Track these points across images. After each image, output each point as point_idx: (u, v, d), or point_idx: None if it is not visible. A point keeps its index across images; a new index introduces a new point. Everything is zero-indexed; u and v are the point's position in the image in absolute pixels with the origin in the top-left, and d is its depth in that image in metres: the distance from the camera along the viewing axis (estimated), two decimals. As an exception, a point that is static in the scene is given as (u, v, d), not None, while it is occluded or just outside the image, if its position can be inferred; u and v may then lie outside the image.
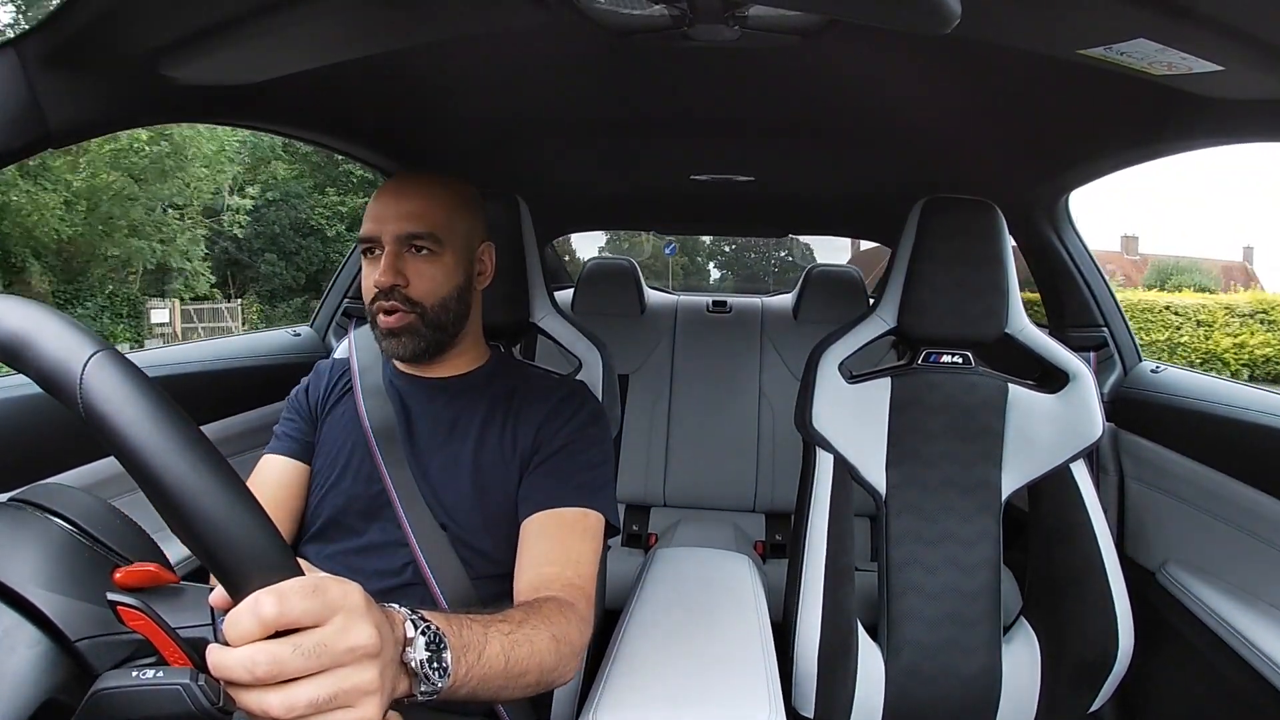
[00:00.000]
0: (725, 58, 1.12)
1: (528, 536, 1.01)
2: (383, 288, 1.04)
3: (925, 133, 1.49)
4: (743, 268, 20.07)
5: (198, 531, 0.47)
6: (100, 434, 0.47)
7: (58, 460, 1.12)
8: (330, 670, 0.50)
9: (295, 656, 0.48)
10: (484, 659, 0.69)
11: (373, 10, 0.85)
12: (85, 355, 0.48)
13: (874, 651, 1.32)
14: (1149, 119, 1.20)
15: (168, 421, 0.47)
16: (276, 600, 0.48)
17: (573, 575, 0.96)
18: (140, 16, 0.74)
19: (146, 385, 0.48)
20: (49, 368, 0.48)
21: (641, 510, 2.49)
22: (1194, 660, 1.31)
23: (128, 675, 0.48)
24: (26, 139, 0.75)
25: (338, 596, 0.51)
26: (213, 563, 0.48)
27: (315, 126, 1.39)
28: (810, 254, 7.51)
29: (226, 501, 0.47)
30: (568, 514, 1.02)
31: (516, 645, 0.75)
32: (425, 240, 1.05)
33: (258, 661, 0.47)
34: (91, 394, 0.47)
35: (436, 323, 1.07)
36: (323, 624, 0.50)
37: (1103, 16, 0.73)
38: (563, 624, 0.85)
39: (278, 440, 1.16)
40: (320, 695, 0.49)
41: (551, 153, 1.79)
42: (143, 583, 0.56)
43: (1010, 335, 1.36)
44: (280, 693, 0.48)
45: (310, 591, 0.50)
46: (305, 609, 0.49)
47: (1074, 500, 1.32)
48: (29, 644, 0.51)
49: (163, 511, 0.47)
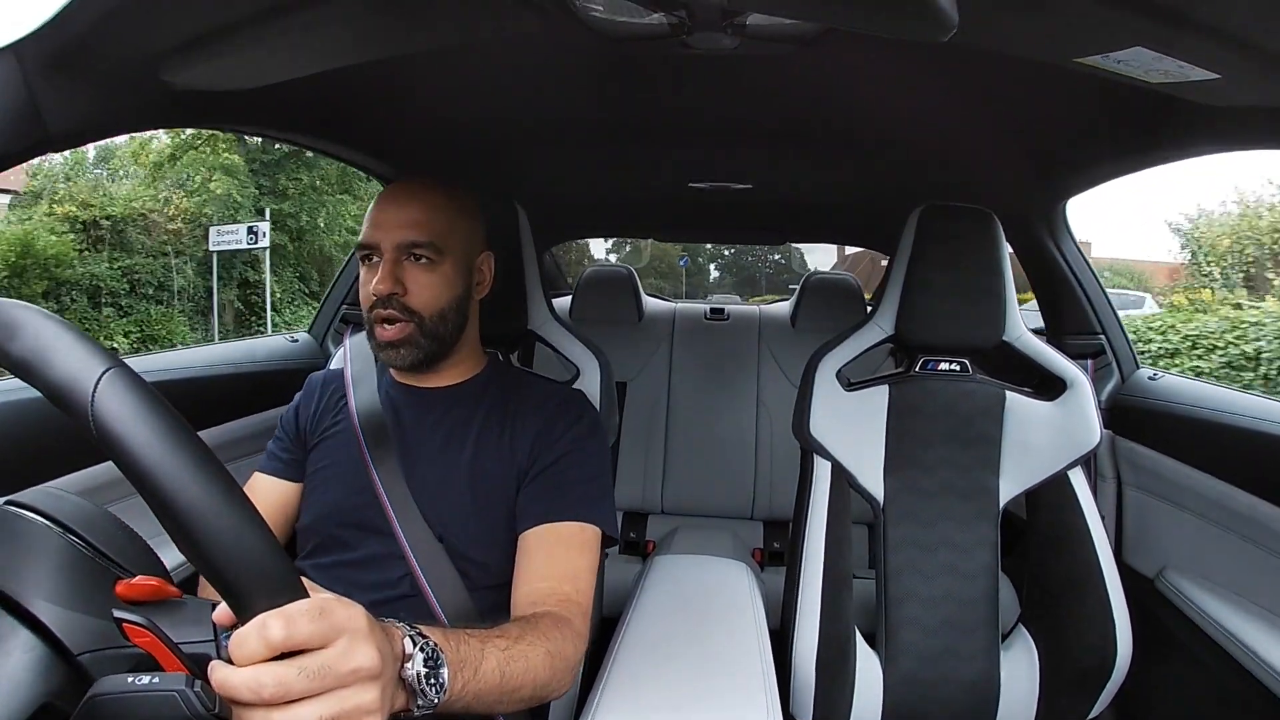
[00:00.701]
0: (723, 66, 1.13)
1: (525, 551, 1.01)
2: (381, 295, 1.03)
3: (922, 140, 1.50)
4: (740, 270, 21.03)
5: (207, 553, 0.47)
6: (111, 453, 0.47)
7: (56, 464, 1.12)
8: (333, 691, 0.50)
9: (300, 679, 0.49)
10: (480, 675, 0.70)
11: (372, 16, 0.85)
12: (96, 373, 0.48)
13: (872, 659, 1.32)
14: (1146, 127, 1.20)
15: (179, 442, 0.48)
16: (284, 624, 0.48)
17: (569, 590, 0.96)
18: (139, 21, 0.74)
19: (158, 405, 0.48)
20: (60, 385, 0.48)
21: (639, 518, 2.49)
22: (1192, 667, 1.31)
23: (123, 681, 0.48)
24: (25, 142, 0.75)
25: (343, 620, 0.52)
26: (221, 583, 0.48)
27: (314, 132, 1.39)
28: (805, 261, 7.55)
29: (236, 524, 0.48)
30: (565, 528, 1.02)
31: (512, 661, 0.76)
32: (425, 249, 1.04)
33: (263, 683, 0.48)
34: (103, 413, 0.47)
35: (434, 333, 1.07)
36: (327, 646, 0.51)
37: (1100, 25, 0.74)
38: (558, 640, 0.86)
39: (267, 459, 1.17)
40: (323, 716, 0.50)
41: (550, 160, 1.79)
42: (145, 597, 0.56)
43: (1008, 343, 1.36)
44: (283, 713, 0.49)
45: (317, 614, 0.50)
46: (311, 632, 0.50)
47: (1072, 507, 1.32)
48: (25, 649, 0.51)
49: (172, 531, 0.47)
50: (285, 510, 1.14)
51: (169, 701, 0.48)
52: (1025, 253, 1.81)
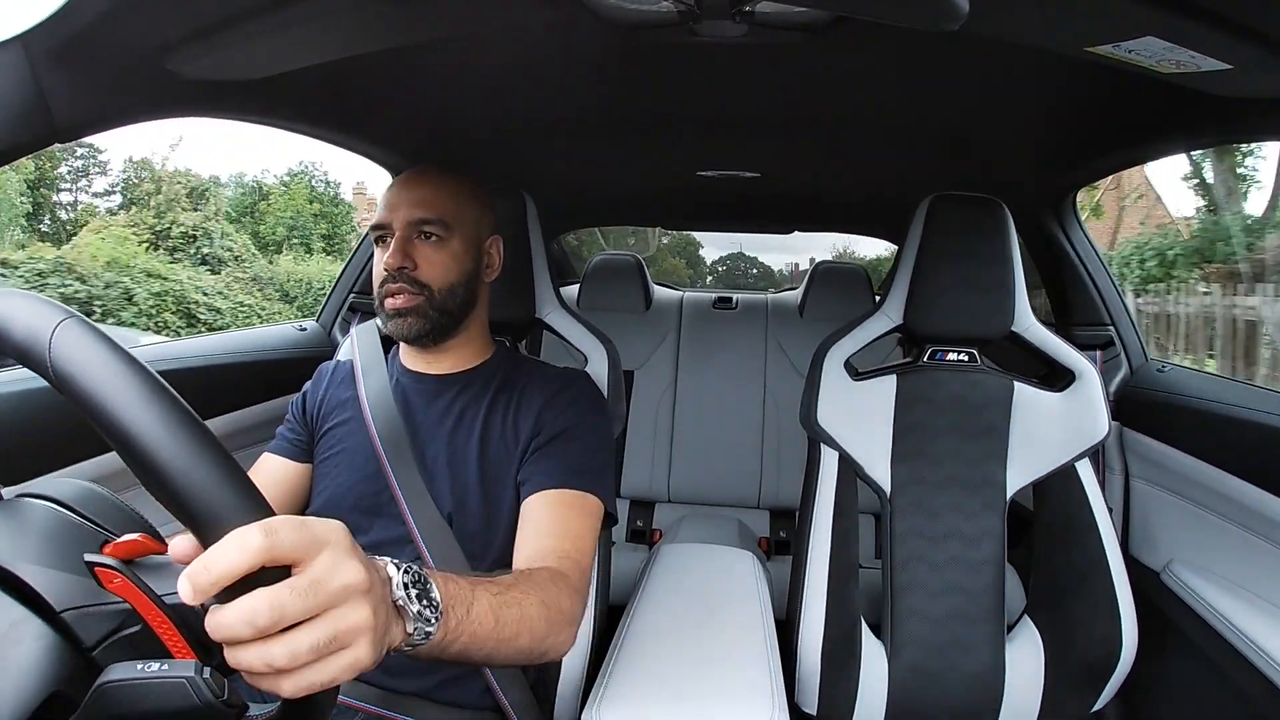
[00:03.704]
0: (731, 54, 1.12)
1: (527, 515, 1.03)
2: (391, 269, 1.07)
3: (932, 129, 1.49)
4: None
5: (166, 479, 0.46)
6: (71, 397, 0.47)
7: (58, 456, 1.13)
8: (326, 612, 0.49)
9: (294, 599, 0.47)
10: (473, 614, 0.69)
11: (379, 6, 0.85)
12: (53, 324, 0.48)
13: (877, 649, 1.32)
14: (1156, 117, 1.19)
15: (133, 375, 0.47)
16: (264, 532, 0.46)
17: (569, 548, 0.97)
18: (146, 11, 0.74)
19: (112, 345, 0.49)
20: (20, 340, 0.49)
21: (646, 506, 2.50)
22: (1198, 660, 1.31)
23: (133, 668, 0.49)
24: (33, 134, 0.75)
25: (324, 532, 0.50)
26: (183, 511, 0.47)
27: (321, 122, 1.39)
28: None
29: (195, 449, 0.47)
30: (567, 494, 1.03)
31: (505, 606, 0.75)
32: (434, 226, 1.08)
33: (258, 610, 0.45)
34: (60, 358, 0.47)
35: (442, 306, 1.09)
36: (310, 561, 0.49)
37: (1111, 14, 0.73)
38: (553, 591, 0.85)
39: (276, 441, 1.20)
40: (320, 638, 0.48)
41: (558, 148, 1.79)
42: (129, 553, 0.56)
43: (1016, 333, 1.36)
44: (281, 642, 0.47)
45: (299, 525, 0.48)
46: (295, 541, 0.47)
47: (1079, 499, 1.31)
48: (35, 636, 0.52)
49: (133, 465, 0.47)
50: (294, 489, 1.17)
51: (178, 688, 0.48)
52: (1034, 242, 1.80)
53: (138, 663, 0.49)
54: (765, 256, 13.10)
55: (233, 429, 1.50)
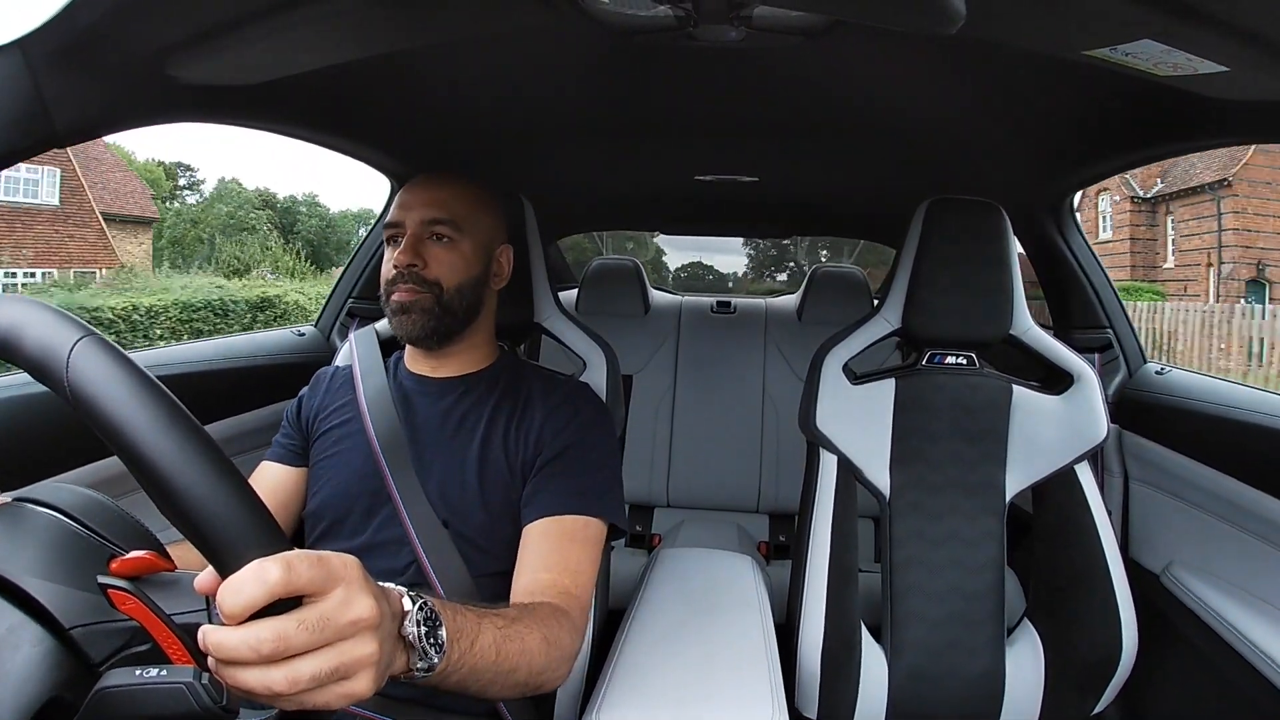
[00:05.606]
0: (729, 58, 1.12)
1: (528, 542, 1.02)
2: (401, 267, 1.07)
3: (930, 133, 1.49)
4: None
5: (186, 509, 0.46)
6: (87, 418, 0.47)
7: (60, 460, 1.12)
8: (332, 644, 0.49)
9: (300, 632, 0.47)
10: (476, 647, 0.70)
11: (378, 11, 0.85)
12: (71, 341, 0.48)
13: (877, 653, 1.32)
14: (1154, 119, 1.20)
15: (153, 400, 0.47)
16: (282, 567, 0.47)
17: (569, 583, 0.96)
18: (146, 15, 0.74)
19: (131, 367, 0.48)
20: (37, 355, 0.48)
21: (645, 510, 2.49)
22: (1198, 663, 1.31)
23: (131, 674, 0.48)
24: (32, 138, 0.75)
25: (339, 568, 0.51)
26: (202, 541, 0.47)
27: (320, 127, 1.39)
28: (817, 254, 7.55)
29: (215, 479, 0.47)
30: (569, 522, 1.02)
31: (508, 640, 0.75)
32: (446, 227, 1.09)
33: (263, 639, 0.46)
34: (78, 377, 0.47)
35: (448, 306, 1.10)
36: (324, 595, 0.49)
37: (1108, 17, 0.73)
38: (555, 628, 0.86)
39: (273, 448, 1.20)
40: (323, 669, 0.49)
41: (556, 153, 1.79)
42: (138, 570, 0.56)
43: (1015, 336, 1.36)
44: (283, 668, 0.47)
45: (316, 561, 0.49)
46: (310, 577, 0.48)
47: (1078, 502, 1.31)
48: (33, 642, 0.52)
49: (151, 492, 0.47)
50: (291, 496, 1.17)
51: (177, 694, 0.48)
52: (1032, 246, 1.80)
53: (136, 668, 0.49)
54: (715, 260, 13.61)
55: (231, 434, 1.50)
